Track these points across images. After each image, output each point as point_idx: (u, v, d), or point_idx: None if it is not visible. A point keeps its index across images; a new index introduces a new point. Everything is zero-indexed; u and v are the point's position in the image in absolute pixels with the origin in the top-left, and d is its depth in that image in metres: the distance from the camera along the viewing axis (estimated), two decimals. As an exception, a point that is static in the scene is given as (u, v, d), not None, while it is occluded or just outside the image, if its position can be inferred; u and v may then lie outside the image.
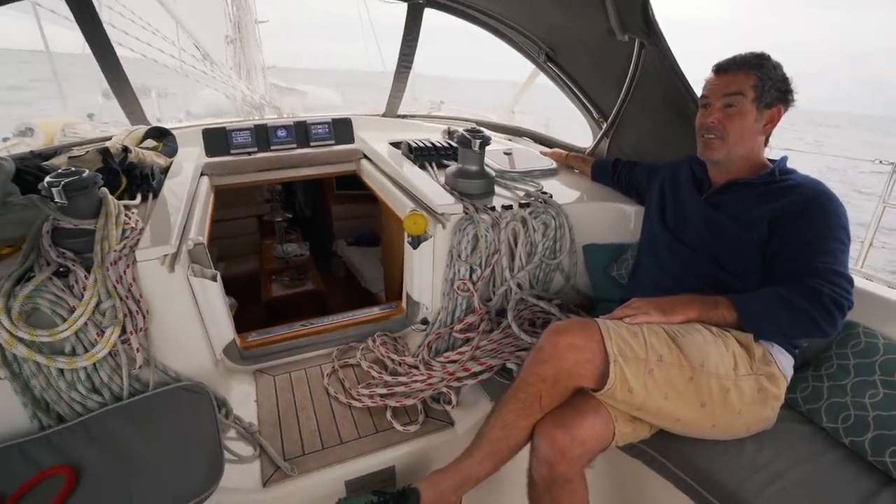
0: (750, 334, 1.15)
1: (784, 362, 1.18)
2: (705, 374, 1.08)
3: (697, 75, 1.38)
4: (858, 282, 1.23)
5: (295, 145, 2.34)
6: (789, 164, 1.29)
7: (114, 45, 2.01)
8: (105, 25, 1.95)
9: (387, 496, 1.08)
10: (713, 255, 1.27)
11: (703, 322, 1.16)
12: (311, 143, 2.36)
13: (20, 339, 1.13)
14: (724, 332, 1.14)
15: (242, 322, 1.66)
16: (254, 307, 2.82)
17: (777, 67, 1.22)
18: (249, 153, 2.25)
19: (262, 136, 2.28)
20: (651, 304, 1.16)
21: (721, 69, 1.26)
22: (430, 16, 2.30)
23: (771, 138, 1.31)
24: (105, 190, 1.35)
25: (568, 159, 2.15)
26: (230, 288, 1.52)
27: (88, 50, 1.93)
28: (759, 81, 1.20)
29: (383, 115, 2.74)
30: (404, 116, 2.79)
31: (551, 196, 1.72)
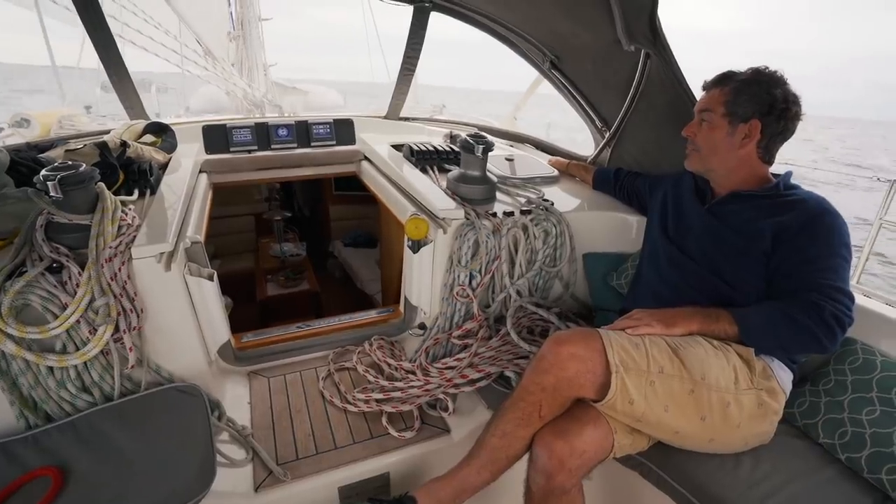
0: (751, 348, 1.14)
1: (784, 377, 1.18)
2: (706, 387, 1.07)
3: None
4: (857, 298, 1.23)
5: (296, 145, 2.32)
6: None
7: (115, 38, 2.00)
8: (107, 18, 1.93)
9: (383, 504, 1.07)
10: (713, 266, 1.27)
11: (705, 335, 1.15)
12: (312, 143, 2.34)
13: (9, 336, 1.10)
14: (725, 346, 1.14)
15: (236, 321, 1.64)
16: (248, 306, 2.79)
17: (760, 83, 1.21)
18: (249, 151, 2.23)
19: (263, 134, 2.26)
20: (653, 316, 1.16)
21: (704, 86, 1.33)
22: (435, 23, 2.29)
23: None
24: (102, 185, 1.32)
25: (569, 167, 2.15)
26: (224, 286, 1.49)
27: (83, 63, 1.91)
28: (731, 97, 1.24)
29: (385, 118, 2.72)
30: (406, 119, 2.78)
31: (552, 203, 1.71)
